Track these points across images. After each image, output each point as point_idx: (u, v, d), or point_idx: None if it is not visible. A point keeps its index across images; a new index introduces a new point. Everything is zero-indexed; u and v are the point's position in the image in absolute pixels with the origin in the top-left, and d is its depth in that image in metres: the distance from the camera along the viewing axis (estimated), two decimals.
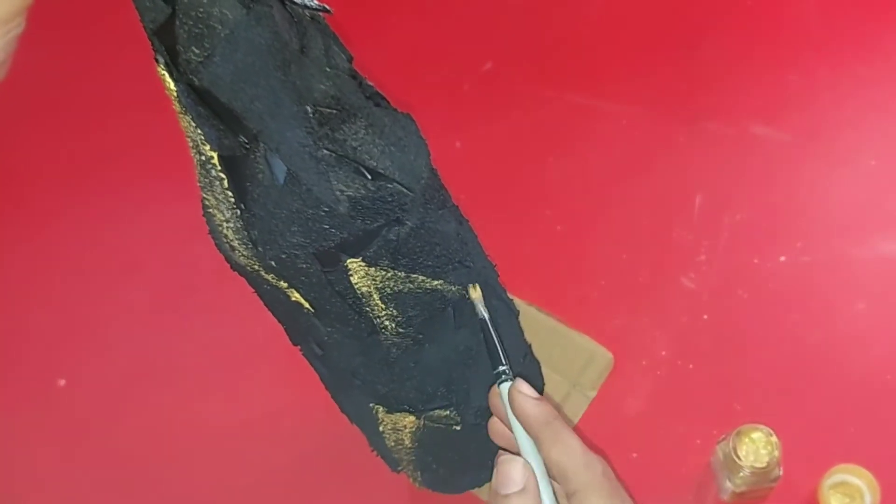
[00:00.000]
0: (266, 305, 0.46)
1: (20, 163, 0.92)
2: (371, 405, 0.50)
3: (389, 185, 0.39)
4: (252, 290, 0.45)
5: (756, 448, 0.57)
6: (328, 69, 0.37)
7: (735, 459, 0.56)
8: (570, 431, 0.41)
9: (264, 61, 0.35)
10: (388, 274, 0.41)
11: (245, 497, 0.67)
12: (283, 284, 0.41)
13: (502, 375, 0.43)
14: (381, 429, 0.52)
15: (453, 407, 0.50)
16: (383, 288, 0.41)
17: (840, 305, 0.70)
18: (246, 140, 0.36)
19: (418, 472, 0.58)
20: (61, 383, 0.76)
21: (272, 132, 0.36)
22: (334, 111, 0.37)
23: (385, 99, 0.41)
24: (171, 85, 0.35)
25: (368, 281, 0.41)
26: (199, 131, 0.36)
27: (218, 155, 0.37)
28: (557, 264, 0.76)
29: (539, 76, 0.89)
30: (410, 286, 0.42)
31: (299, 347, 0.49)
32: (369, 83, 0.41)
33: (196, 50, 0.34)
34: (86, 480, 0.70)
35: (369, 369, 0.46)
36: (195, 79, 0.34)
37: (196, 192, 0.40)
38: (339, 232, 0.38)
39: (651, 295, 0.73)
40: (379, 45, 0.91)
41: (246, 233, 0.38)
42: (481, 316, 0.44)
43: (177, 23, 0.33)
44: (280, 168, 0.37)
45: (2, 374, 0.77)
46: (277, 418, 0.70)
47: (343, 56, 0.39)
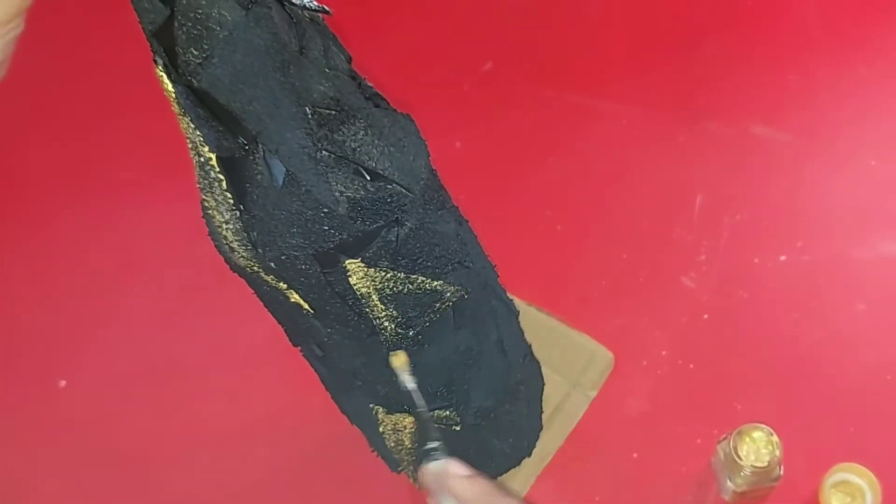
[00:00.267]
0: (266, 306, 0.46)
1: (20, 163, 0.92)
2: (371, 406, 0.50)
3: (389, 186, 0.39)
4: (252, 292, 0.45)
5: (757, 447, 0.57)
6: (327, 70, 0.37)
7: (736, 459, 0.56)
8: (510, 500, 0.41)
9: (263, 62, 0.34)
10: (388, 275, 0.41)
11: (246, 497, 0.67)
12: (283, 286, 0.41)
13: (431, 453, 0.42)
14: (382, 429, 0.52)
15: (453, 407, 0.50)
16: (383, 289, 0.41)
17: (840, 305, 0.70)
18: (245, 141, 0.36)
19: (418, 473, 0.58)
20: (62, 384, 0.76)
21: (271, 133, 0.36)
22: (333, 112, 0.37)
23: (384, 100, 0.41)
24: (170, 86, 0.35)
25: (368, 282, 0.41)
26: (198, 133, 0.36)
27: (217, 156, 0.37)
28: (557, 264, 0.76)
29: (539, 76, 0.89)
30: (410, 287, 0.42)
31: (299, 348, 0.49)
32: (369, 84, 0.40)
33: (195, 51, 0.34)
34: (86, 480, 0.70)
35: (370, 370, 0.46)
36: (194, 80, 0.34)
37: (196, 193, 0.40)
38: (339, 233, 0.38)
39: (651, 295, 0.73)
40: (379, 46, 0.91)
41: (245, 234, 0.38)
42: (405, 388, 0.43)
43: (175, 24, 0.33)
44: (279, 169, 0.37)
45: (2, 375, 0.77)
46: (278, 418, 0.70)
47: (342, 57, 0.39)
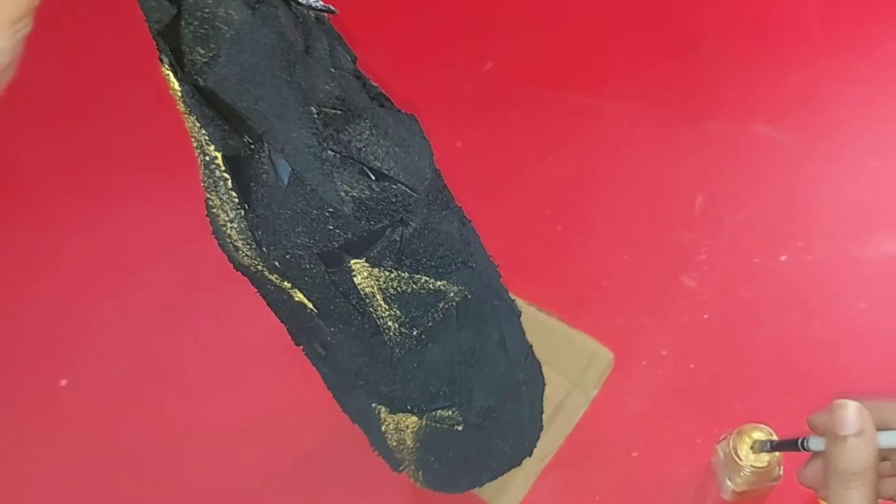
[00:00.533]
0: (269, 305, 0.46)
1: (19, 162, 0.92)
2: (373, 405, 0.50)
3: (394, 186, 0.39)
4: (255, 290, 0.45)
5: (757, 447, 0.57)
6: (333, 70, 0.37)
7: (736, 459, 0.56)
8: None
9: (269, 62, 0.34)
10: (392, 275, 0.41)
11: (246, 497, 0.67)
12: (287, 285, 0.41)
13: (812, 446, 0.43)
14: (384, 429, 0.52)
15: (456, 407, 0.50)
16: (387, 288, 0.41)
17: (841, 305, 0.70)
18: (250, 140, 0.36)
19: (420, 473, 0.58)
20: (62, 383, 0.76)
21: (277, 133, 0.36)
22: (339, 112, 0.37)
23: (389, 99, 0.41)
24: (176, 85, 0.35)
25: (372, 281, 0.41)
26: (204, 131, 0.36)
27: (222, 155, 0.37)
28: (558, 264, 0.76)
29: (540, 76, 0.89)
30: (414, 287, 0.42)
31: (302, 347, 0.49)
32: (373, 84, 0.40)
33: (201, 50, 0.34)
34: (86, 481, 0.70)
35: (373, 370, 0.46)
36: (200, 79, 0.34)
37: (199, 192, 0.40)
38: (344, 233, 0.38)
39: (652, 294, 0.73)
40: (380, 45, 0.91)
41: (250, 233, 0.38)
42: None
43: (182, 23, 0.33)
44: (285, 169, 0.37)
45: (3, 374, 0.77)
46: (279, 418, 0.70)
47: (348, 57, 0.39)
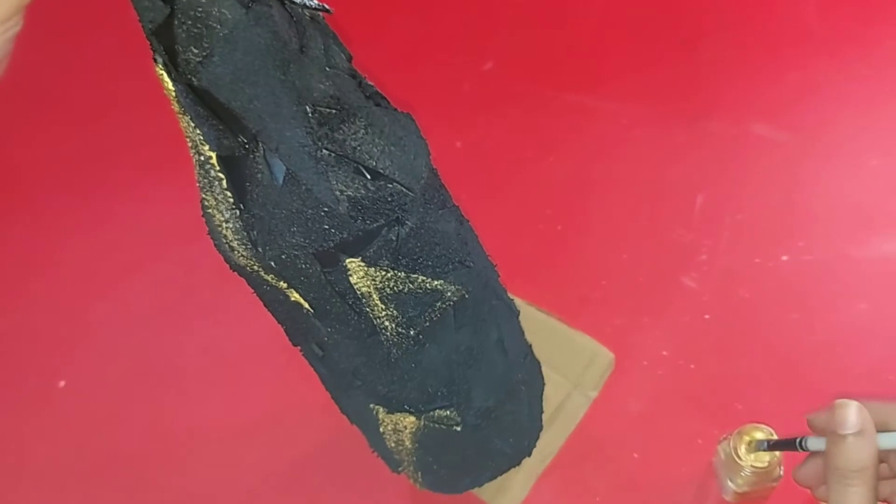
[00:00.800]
0: (266, 306, 0.46)
1: (20, 163, 0.92)
2: (371, 406, 0.50)
3: (389, 186, 0.38)
4: (251, 291, 0.45)
5: (757, 448, 0.57)
6: (328, 69, 0.37)
7: (736, 459, 0.56)
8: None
9: (263, 61, 0.34)
10: (389, 274, 0.41)
11: (245, 497, 0.67)
12: (283, 285, 0.41)
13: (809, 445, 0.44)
14: (382, 430, 0.52)
15: (454, 407, 0.50)
16: (383, 288, 0.41)
17: (842, 305, 0.70)
18: (245, 140, 0.36)
19: (419, 473, 0.58)
20: (61, 384, 0.76)
21: (271, 132, 0.36)
22: (334, 111, 0.37)
23: (385, 98, 0.41)
24: (170, 85, 0.35)
25: (368, 281, 0.41)
26: (198, 131, 0.36)
27: (217, 155, 0.36)
28: (557, 264, 0.76)
29: (540, 76, 0.89)
30: (411, 286, 0.42)
31: (299, 348, 0.49)
32: (369, 83, 0.40)
33: (195, 50, 0.33)
34: (86, 481, 0.70)
35: (370, 370, 0.46)
36: (194, 79, 0.34)
37: (196, 192, 0.40)
38: (339, 232, 0.38)
39: (652, 295, 0.73)
40: (380, 45, 0.91)
41: (245, 233, 0.38)
42: None
43: (175, 23, 0.33)
44: (279, 168, 0.36)
45: (2, 375, 0.77)
46: (278, 418, 0.70)
47: (343, 55, 0.39)
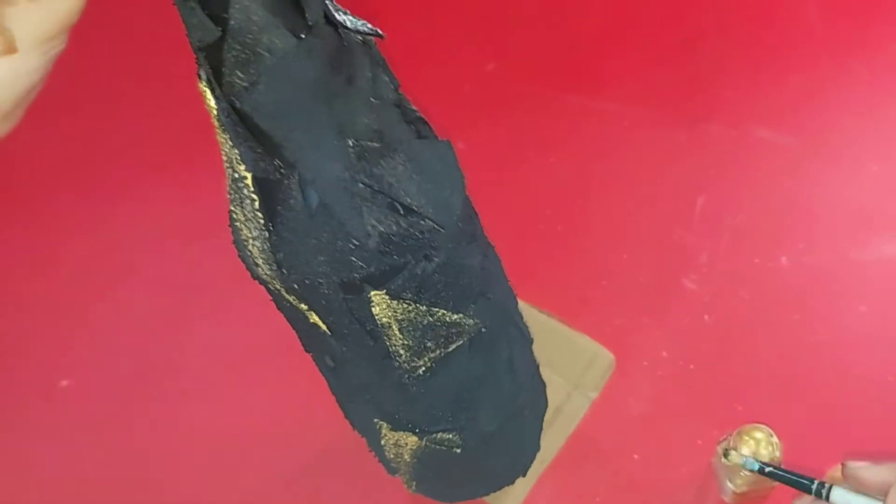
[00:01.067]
0: (283, 315, 0.45)
1: (20, 162, 0.92)
2: (376, 420, 0.50)
3: (422, 223, 0.38)
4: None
5: (757, 448, 0.57)
6: (373, 100, 0.36)
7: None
8: None
9: (309, 94, 0.34)
10: (410, 307, 0.40)
11: (246, 497, 0.67)
12: (303, 307, 0.40)
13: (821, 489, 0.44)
14: (383, 443, 0.52)
15: (457, 431, 0.50)
16: (403, 320, 0.41)
17: (842, 307, 0.70)
18: (282, 165, 0.35)
19: (413, 483, 0.57)
20: (63, 384, 0.76)
21: (309, 163, 0.35)
22: (375, 145, 0.36)
23: (426, 124, 0.40)
24: (212, 102, 0.34)
25: (390, 312, 0.40)
26: (236, 150, 0.35)
27: (252, 176, 0.36)
28: (558, 264, 0.76)
29: (541, 77, 0.89)
30: (430, 319, 0.42)
31: (312, 356, 0.48)
32: (412, 107, 0.40)
33: (241, 75, 0.33)
34: (86, 481, 0.70)
35: (380, 389, 0.46)
36: (237, 101, 0.33)
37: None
38: (367, 266, 0.38)
39: (652, 296, 0.73)
40: (380, 46, 0.91)
41: (272, 254, 0.38)
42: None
43: (224, 46, 0.32)
44: (314, 197, 0.36)
45: (3, 375, 0.77)
46: (279, 419, 0.70)
47: (390, 85, 0.38)
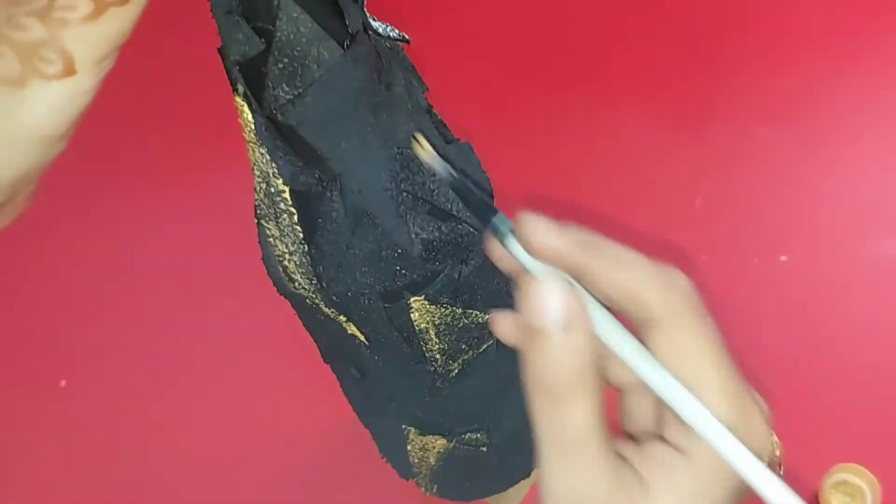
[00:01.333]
0: (305, 327, 0.45)
1: None
2: (403, 427, 0.50)
3: (460, 227, 0.38)
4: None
5: None
6: (410, 107, 0.36)
7: None
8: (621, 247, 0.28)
9: (356, 104, 0.33)
10: (447, 311, 0.40)
11: (246, 498, 0.67)
12: (342, 318, 0.40)
13: (500, 226, 0.30)
14: (409, 448, 0.52)
15: (484, 430, 0.50)
16: (440, 324, 0.41)
17: (842, 306, 0.71)
18: (322, 177, 0.35)
19: (434, 486, 0.57)
20: (62, 384, 0.76)
21: (355, 174, 0.35)
22: None
23: (447, 128, 0.40)
24: (249, 116, 0.33)
25: (428, 317, 0.40)
26: (273, 164, 0.34)
27: (290, 189, 0.35)
28: None
29: (541, 78, 0.89)
30: (465, 321, 0.42)
31: (331, 367, 0.48)
32: (436, 113, 0.39)
33: (286, 87, 0.32)
34: (86, 481, 0.70)
35: (411, 395, 0.46)
36: (279, 115, 0.33)
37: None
38: (410, 273, 0.37)
39: None
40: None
41: (311, 268, 0.37)
42: (445, 175, 0.30)
43: (271, 59, 0.32)
44: (357, 208, 0.35)
45: (3, 375, 0.77)
46: (280, 419, 0.70)
47: (420, 91, 0.38)
